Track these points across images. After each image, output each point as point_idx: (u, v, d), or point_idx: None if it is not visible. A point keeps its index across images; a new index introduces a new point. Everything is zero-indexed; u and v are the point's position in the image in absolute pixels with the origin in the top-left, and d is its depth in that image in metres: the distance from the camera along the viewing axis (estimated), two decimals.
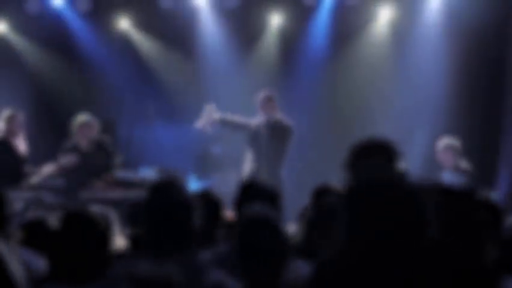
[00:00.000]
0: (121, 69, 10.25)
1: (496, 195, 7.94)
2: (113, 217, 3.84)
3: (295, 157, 8.99)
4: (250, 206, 3.02)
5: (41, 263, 3.00)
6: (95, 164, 7.99)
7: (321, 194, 4.21)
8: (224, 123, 8.26)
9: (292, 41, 10.04)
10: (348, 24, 9.83)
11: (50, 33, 10.07)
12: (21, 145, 8.15)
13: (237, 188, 3.85)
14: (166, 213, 2.82)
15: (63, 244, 2.67)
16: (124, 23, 10.26)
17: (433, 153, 7.92)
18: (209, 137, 10.17)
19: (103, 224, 2.73)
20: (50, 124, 9.83)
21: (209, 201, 3.85)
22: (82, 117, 8.12)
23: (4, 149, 7.98)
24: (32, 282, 2.71)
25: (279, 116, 8.25)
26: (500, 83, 9.35)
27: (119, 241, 3.65)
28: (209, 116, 8.14)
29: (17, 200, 6.90)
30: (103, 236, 2.72)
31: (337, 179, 8.36)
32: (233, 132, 8.56)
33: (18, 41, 10.30)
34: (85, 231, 2.69)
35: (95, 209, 3.16)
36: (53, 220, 3.01)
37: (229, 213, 4.12)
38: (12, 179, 7.58)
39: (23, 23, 10.08)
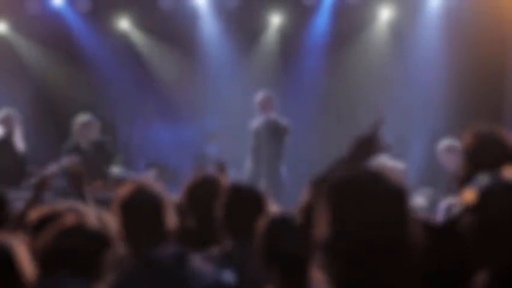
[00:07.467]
0: (121, 69, 10.24)
1: None
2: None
3: (296, 156, 9.00)
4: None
5: None
6: (95, 164, 7.99)
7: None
8: None
9: (292, 41, 10.04)
10: (348, 24, 9.84)
11: (50, 33, 10.06)
12: (19, 144, 8.15)
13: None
14: (137, 213, 3.02)
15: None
16: (124, 23, 10.26)
17: (433, 154, 7.90)
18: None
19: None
20: (50, 124, 9.83)
21: None
22: (82, 118, 8.12)
23: (6, 150, 7.98)
24: None
25: (276, 115, 8.31)
26: (500, 82, 9.35)
27: None
28: None
29: (17, 200, 6.90)
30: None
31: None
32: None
33: (18, 41, 10.30)
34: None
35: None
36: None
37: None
38: (13, 179, 7.58)
39: (24, 23, 10.07)
